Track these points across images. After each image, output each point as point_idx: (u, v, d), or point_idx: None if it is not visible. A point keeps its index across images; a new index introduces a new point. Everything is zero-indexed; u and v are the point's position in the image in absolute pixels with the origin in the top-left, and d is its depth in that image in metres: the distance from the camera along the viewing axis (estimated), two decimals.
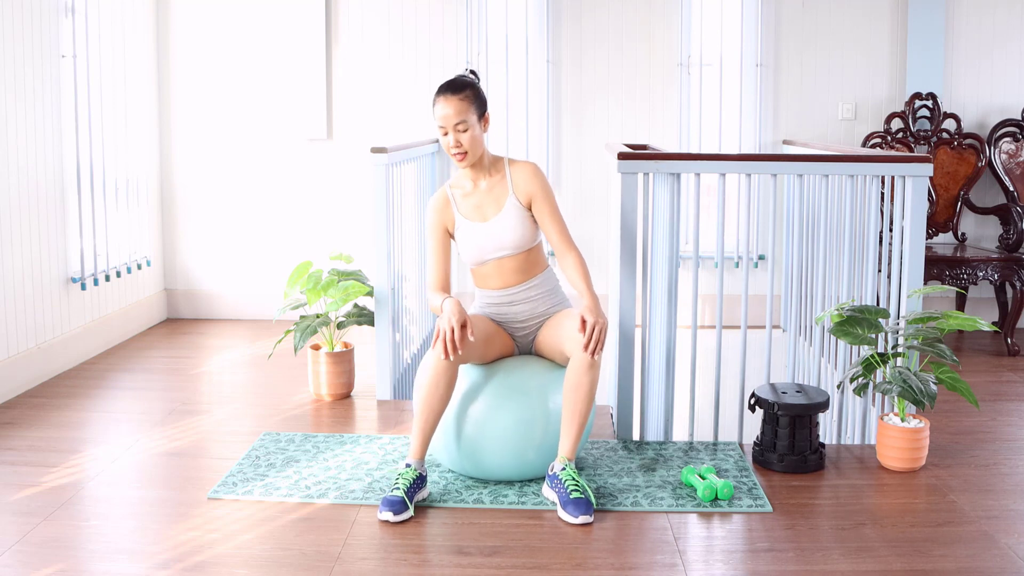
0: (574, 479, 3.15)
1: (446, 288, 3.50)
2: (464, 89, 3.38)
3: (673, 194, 3.80)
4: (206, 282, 6.29)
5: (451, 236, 3.55)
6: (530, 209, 3.47)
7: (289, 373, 4.88)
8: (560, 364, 3.48)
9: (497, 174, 3.50)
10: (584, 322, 3.24)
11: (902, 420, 3.54)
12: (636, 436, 3.94)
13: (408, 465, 3.22)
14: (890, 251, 3.88)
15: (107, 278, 5.36)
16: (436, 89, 3.41)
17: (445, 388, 3.24)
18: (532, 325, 3.54)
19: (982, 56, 6.02)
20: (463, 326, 3.21)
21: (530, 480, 3.41)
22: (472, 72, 3.56)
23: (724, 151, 6.13)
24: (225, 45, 6.12)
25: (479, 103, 3.41)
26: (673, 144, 6.13)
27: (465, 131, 3.36)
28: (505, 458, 3.33)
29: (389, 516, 3.06)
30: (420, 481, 3.20)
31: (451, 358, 3.20)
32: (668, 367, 3.87)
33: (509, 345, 3.54)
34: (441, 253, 3.53)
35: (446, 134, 3.36)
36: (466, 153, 3.37)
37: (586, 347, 3.21)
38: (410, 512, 3.11)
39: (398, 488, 3.14)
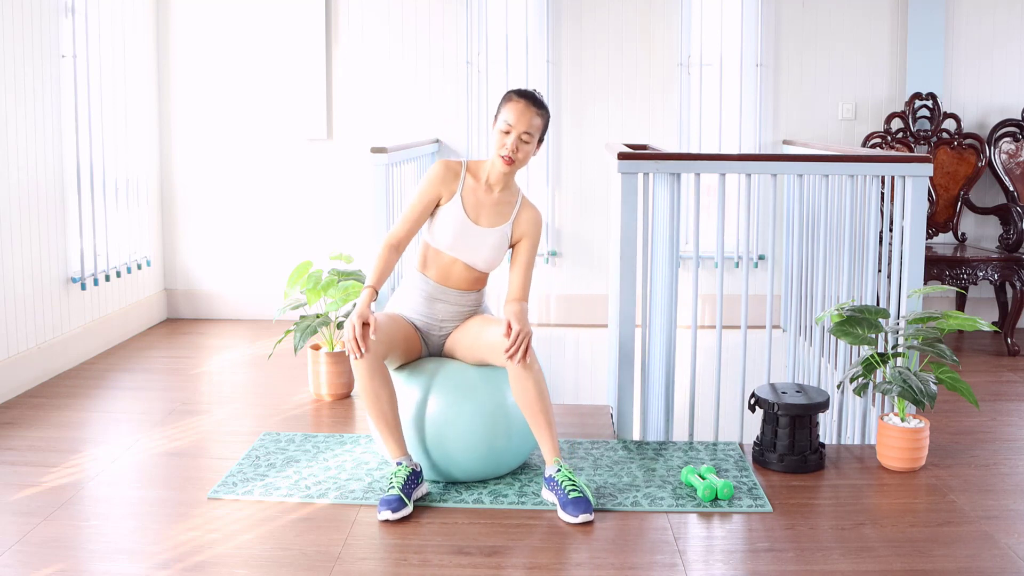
0: (571, 479, 3.15)
1: (401, 247, 3.42)
2: (546, 109, 3.41)
3: (673, 194, 3.80)
4: (206, 282, 6.29)
5: (436, 208, 3.47)
6: (512, 245, 3.49)
7: (289, 373, 4.88)
8: (466, 362, 3.44)
9: (510, 196, 3.49)
10: (510, 327, 3.22)
11: (902, 420, 3.54)
12: (636, 436, 3.94)
13: (398, 463, 3.22)
14: (890, 251, 3.88)
15: (107, 278, 5.36)
16: (513, 91, 3.40)
17: (381, 386, 3.23)
18: (449, 327, 3.52)
19: (982, 56, 6.02)
20: (365, 324, 3.19)
21: (512, 473, 3.41)
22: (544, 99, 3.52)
23: (724, 151, 6.13)
24: (225, 45, 6.12)
25: (547, 127, 3.44)
26: (673, 144, 6.13)
27: (527, 143, 3.36)
28: (477, 457, 3.32)
29: (388, 514, 3.06)
30: (415, 477, 3.20)
31: (361, 355, 3.18)
32: (668, 367, 3.87)
33: (418, 346, 3.51)
34: (417, 215, 3.45)
35: (508, 134, 3.34)
36: (515, 162, 3.37)
37: (508, 351, 3.19)
38: (409, 508, 3.11)
39: (393, 487, 3.14)
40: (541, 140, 3.43)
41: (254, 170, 6.21)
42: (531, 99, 3.36)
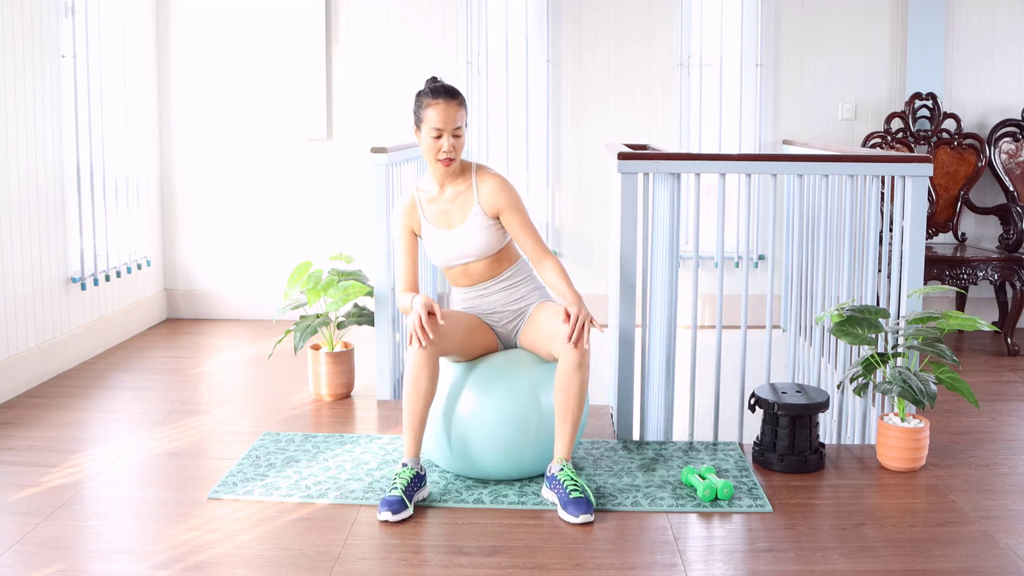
0: (572, 479, 3.15)
1: (415, 285, 3.50)
2: (459, 94, 3.38)
3: (673, 194, 3.80)
4: (206, 282, 6.29)
5: (419, 237, 3.55)
6: (497, 219, 3.46)
7: (289, 373, 4.88)
8: (545, 359, 3.46)
9: (464, 182, 3.46)
10: (568, 314, 3.23)
11: (902, 420, 3.54)
12: (636, 436, 3.94)
13: (404, 465, 3.22)
14: (890, 251, 3.88)
15: (107, 278, 5.36)
16: (425, 93, 3.36)
17: (427, 382, 3.24)
18: (511, 315, 3.52)
19: (982, 56, 6.02)
20: (430, 313, 3.21)
21: (529, 478, 3.41)
22: (431, 79, 3.50)
23: (724, 151, 6.13)
24: (225, 45, 6.12)
25: (466, 108, 3.43)
26: (673, 144, 6.13)
27: (459, 136, 3.36)
28: (500, 457, 3.32)
29: (388, 516, 3.06)
30: (418, 480, 3.20)
31: (423, 345, 3.19)
32: (668, 367, 3.87)
33: (491, 339, 3.53)
34: (409, 256, 3.52)
35: (439, 138, 3.34)
36: (454, 159, 3.38)
37: (570, 337, 3.19)
38: (409, 511, 3.11)
39: (396, 488, 3.14)
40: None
41: (254, 170, 6.21)
42: (444, 93, 3.34)
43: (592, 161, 6.16)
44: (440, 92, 3.34)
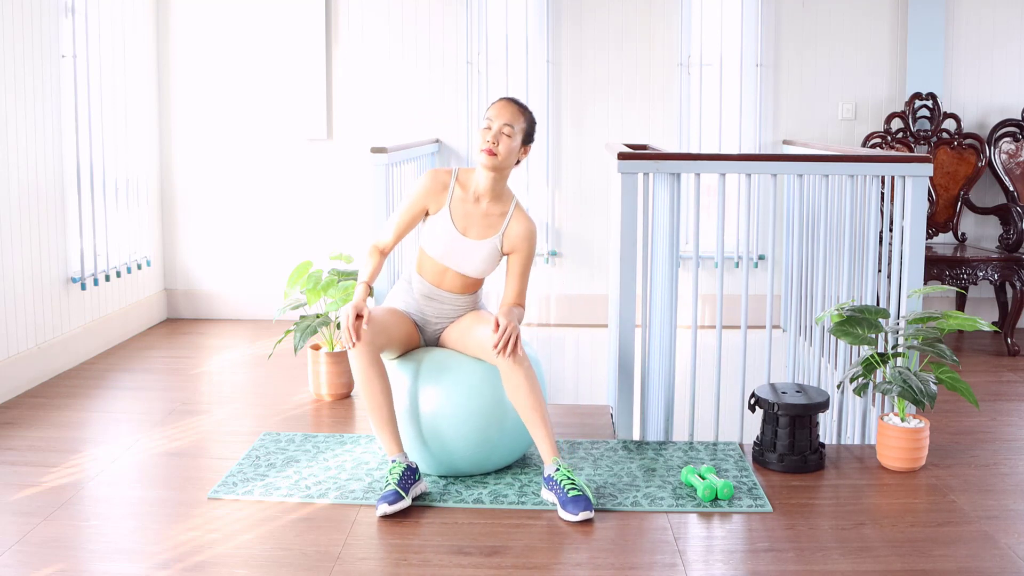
0: (570, 478, 3.15)
1: (387, 252, 3.53)
2: (525, 107, 3.47)
3: (673, 194, 3.80)
4: (206, 282, 6.29)
5: (426, 214, 3.52)
6: (505, 254, 3.50)
7: (289, 373, 4.88)
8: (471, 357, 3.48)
9: (499, 208, 3.48)
10: (498, 324, 3.26)
11: (902, 420, 3.54)
12: (636, 436, 3.94)
13: (393, 461, 3.23)
14: (890, 251, 3.88)
15: (107, 278, 5.36)
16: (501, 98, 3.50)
17: (378, 380, 3.26)
18: (441, 324, 3.56)
19: (982, 56, 6.02)
20: (359, 316, 3.25)
21: (512, 473, 3.41)
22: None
23: (724, 151, 6.13)
24: (225, 45, 6.12)
25: (531, 126, 3.47)
26: (673, 144, 6.13)
27: (508, 136, 3.37)
28: (470, 448, 3.34)
29: (385, 507, 3.07)
30: (411, 472, 3.20)
31: (351, 345, 3.23)
32: (668, 367, 3.87)
33: (416, 335, 3.56)
34: (406, 223, 3.51)
35: (488, 128, 3.37)
36: (496, 155, 3.36)
37: (495, 344, 3.23)
38: (407, 501, 3.12)
39: (389, 484, 3.15)
40: (528, 142, 3.46)
41: (254, 170, 6.21)
42: (511, 99, 3.46)
43: (592, 161, 6.16)
44: (505, 97, 3.48)
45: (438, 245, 3.46)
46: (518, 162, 3.47)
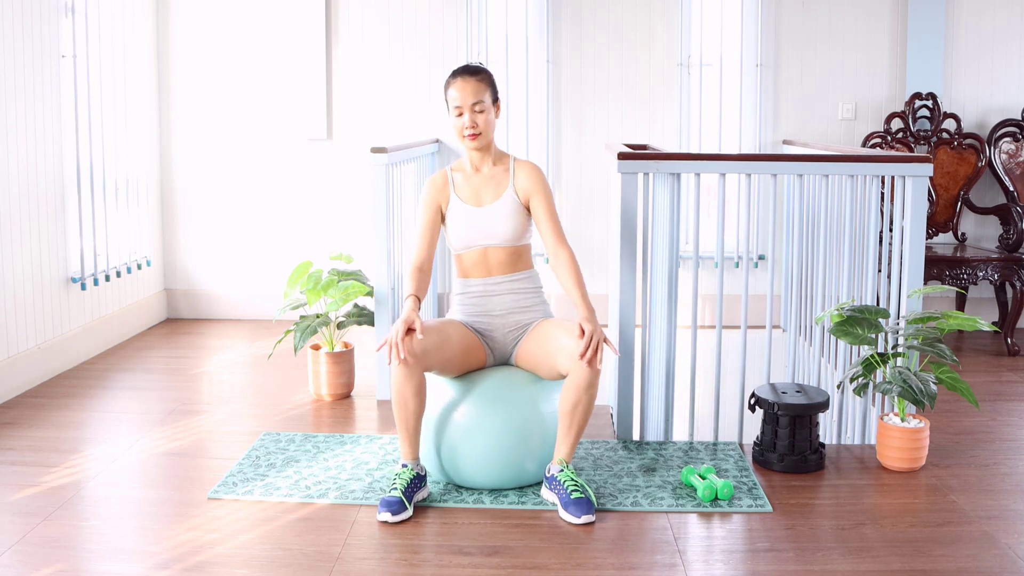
0: (573, 479, 3.15)
1: (426, 267, 3.39)
2: (480, 72, 3.42)
3: (673, 194, 3.80)
4: (206, 282, 6.29)
5: (443, 218, 3.50)
6: (527, 207, 3.46)
7: (289, 373, 4.88)
8: (545, 378, 3.39)
9: (501, 165, 3.51)
10: (583, 330, 3.16)
11: (902, 420, 3.55)
12: (636, 436, 3.94)
13: (404, 465, 3.22)
14: (890, 251, 3.88)
15: (107, 278, 5.37)
16: (450, 73, 3.44)
17: (413, 399, 3.18)
18: (513, 325, 3.45)
19: (982, 56, 6.02)
20: (409, 329, 3.14)
21: (529, 486, 3.41)
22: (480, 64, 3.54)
23: (724, 151, 6.13)
24: (225, 45, 6.12)
25: (494, 87, 3.45)
26: (673, 144, 6.13)
27: (481, 112, 3.37)
28: (500, 471, 3.30)
29: (387, 516, 3.06)
30: (418, 480, 3.19)
31: (394, 362, 3.13)
32: (668, 367, 3.87)
33: (481, 357, 3.44)
34: (428, 232, 3.47)
35: (461, 115, 3.37)
36: (479, 134, 3.38)
37: (583, 355, 3.10)
38: (409, 512, 3.11)
39: (395, 489, 3.14)
40: (496, 100, 3.46)
41: (254, 170, 6.21)
42: (464, 71, 3.40)
43: (592, 161, 6.16)
44: (459, 71, 3.41)
45: (462, 231, 3.43)
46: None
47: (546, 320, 3.44)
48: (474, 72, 3.40)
